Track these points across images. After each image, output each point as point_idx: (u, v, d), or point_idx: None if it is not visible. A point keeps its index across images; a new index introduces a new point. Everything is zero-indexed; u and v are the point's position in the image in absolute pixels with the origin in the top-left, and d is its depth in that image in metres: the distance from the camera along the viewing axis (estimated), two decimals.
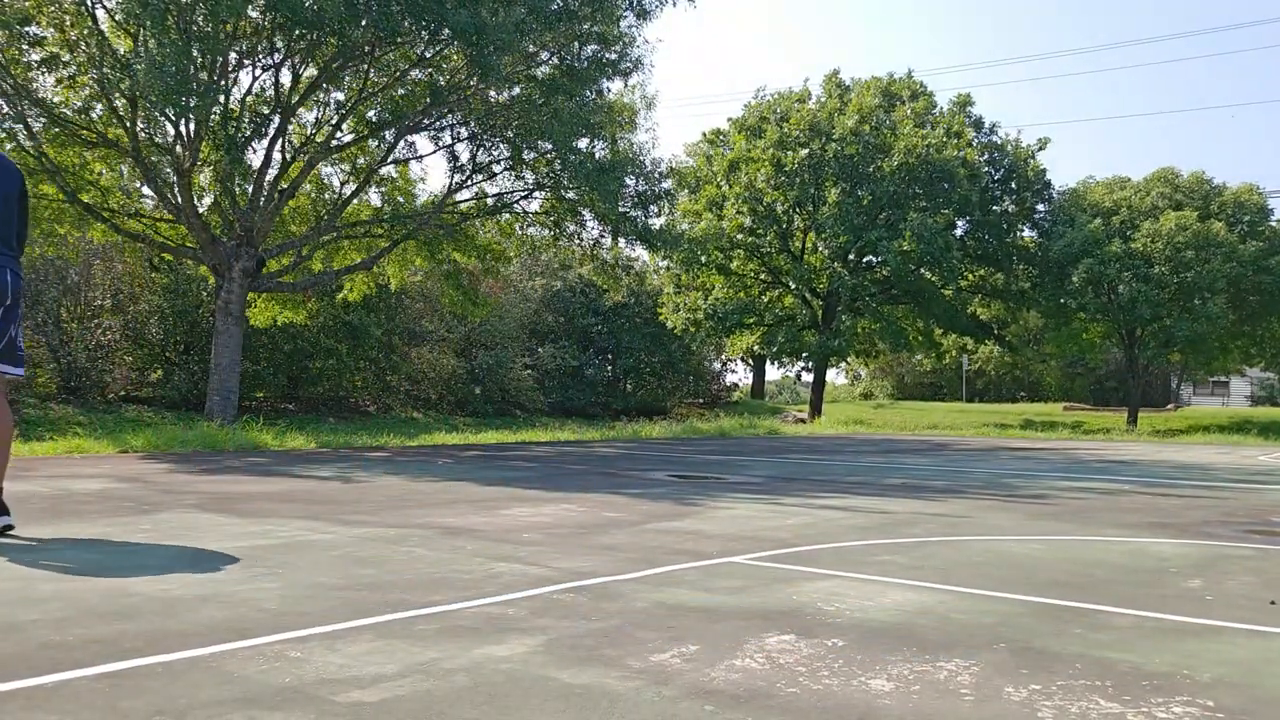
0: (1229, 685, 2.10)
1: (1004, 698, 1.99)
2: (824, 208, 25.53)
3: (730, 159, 26.97)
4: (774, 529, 4.59)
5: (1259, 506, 6.02)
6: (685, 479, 7.67)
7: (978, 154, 26.57)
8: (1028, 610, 2.85)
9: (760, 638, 2.47)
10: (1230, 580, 3.36)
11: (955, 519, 5.08)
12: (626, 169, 15.75)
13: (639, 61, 15.44)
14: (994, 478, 8.17)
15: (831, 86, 27.80)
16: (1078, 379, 47.22)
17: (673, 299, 27.65)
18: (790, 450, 12.60)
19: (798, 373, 31.97)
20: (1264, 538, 4.56)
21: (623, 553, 3.83)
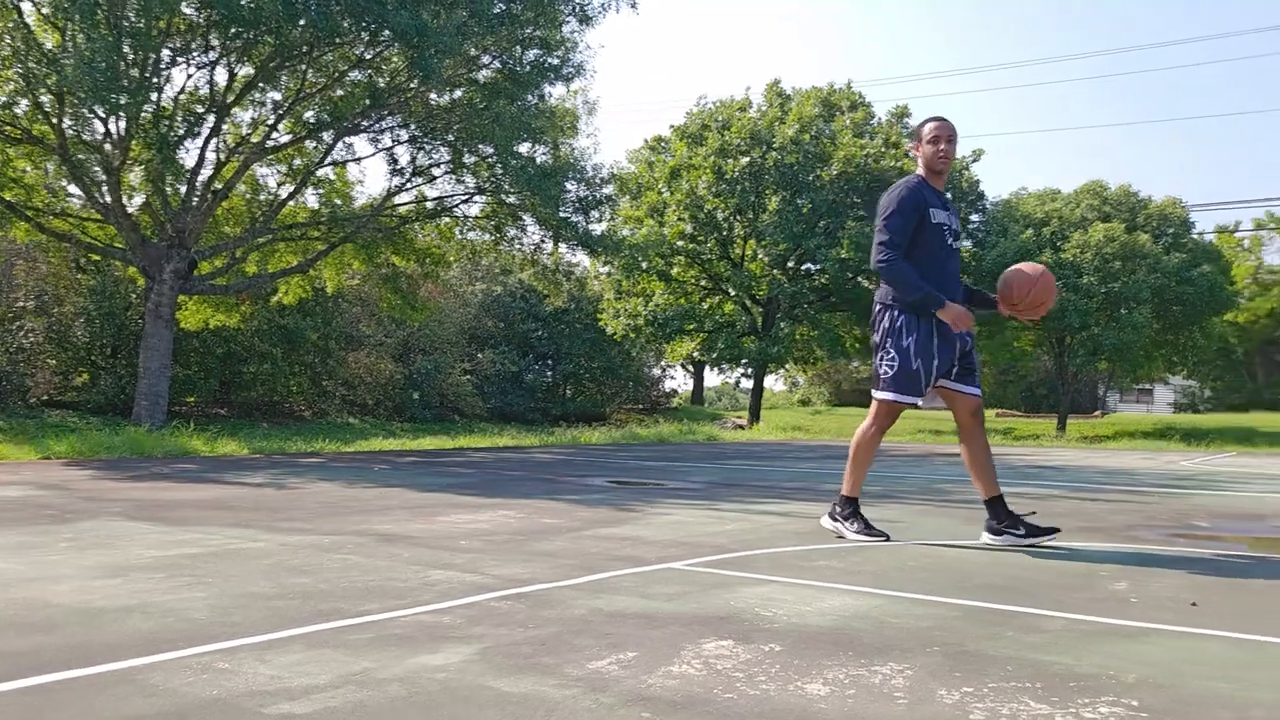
0: (1152, 685, 2.15)
1: (937, 700, 2.02)
2: (764, 215, 25.75)
3: (672, 166, 27.08)
4: (712, 535, 4.60)
5: (1181, 510, 6.20)
6: (624, 485, 7.66)
7: (915, 165, 26.99)
8: (961, 614, 2.89)
9: (698, 644, 2.47)
10: (1154, 583, 3.45)
11: (891, 524, 5.14)
12: (568, 174, 15.74)
13: (581, 67, 15.44)
14: (928, 483, 8.30)
15: (772, 96, 28.07)
16: (1010, 386, 48.22)
17: (613, 305, 27.66)
18: (729, 456, 12.66)
19: (737, 379, 32.23)
20: (1186, 541, 4.69)
21: (561, 559, 3.81)
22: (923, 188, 4.32)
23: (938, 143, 4.34)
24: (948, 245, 4.32)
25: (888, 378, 4.27)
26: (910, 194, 4.27)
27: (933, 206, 4.28)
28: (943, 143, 4.34)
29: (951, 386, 4.36)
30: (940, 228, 4.29)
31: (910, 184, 4.33)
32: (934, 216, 4.27)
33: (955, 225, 4.41)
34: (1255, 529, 5.33)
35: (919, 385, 4.24)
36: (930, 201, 4.29)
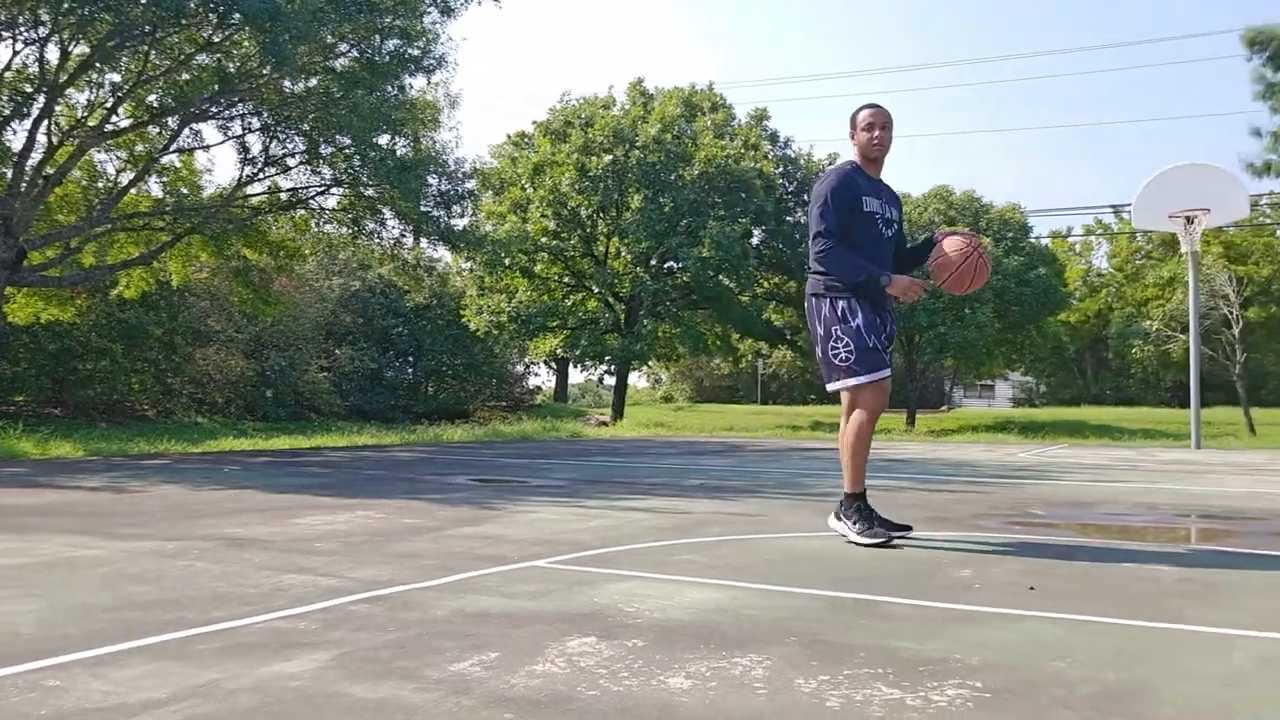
0: (995, 667, 2.25)
1: (795, 689, 2.07)
2: (627, 213, 25.90)
3: (535, 162, 26.94)
4: (576, 531, 4.60)
5: (1020, 499, 6.54)
6: (487, 483, 7.58)
7: (773, 166, 27.67)
8: (818, 604, 2.97)
9: (561, 641, 2.46)
10: (995, 569, 3.63)
11: (751, 518, 5.25)
12: (429, 167, 15.45)
13: (443, 59, 15.17)
14: (787, 477, 8.51)
15: (635, 94, 28.26)
16: None
17: (476, 301, 27.33)
18: (593, 453, 12.69)
19: (600, 376, 32.26)
20: (1024, 528, 4.95)
21: (421, 560, 3.73)
22: (855, 175, 4.27)
23: (871, 130, 4.28)
24: (881, 234, 4.28)
25: (850, 363, 4.16)
26: (841, 182, 4.22)
27: (865, 194, 4.24)
28: (877, 129, 4.28)
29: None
30: (872, 216, 4.25)
31: (842, 171, 4.29)
32: (866, 204, 4.23)
33: (890, 214, 4.35)
34: (1085, 516, 5.68)
35: (882, 359, 4.18)
36: (863, 189, 4.24)
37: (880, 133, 4.27)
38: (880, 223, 4.28)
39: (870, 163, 4.33)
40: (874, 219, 4.24)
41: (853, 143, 4.37)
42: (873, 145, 4.29)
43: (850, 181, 4.23)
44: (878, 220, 4.26)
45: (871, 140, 4.28)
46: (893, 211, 4.36)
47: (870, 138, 4.28)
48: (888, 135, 4.29)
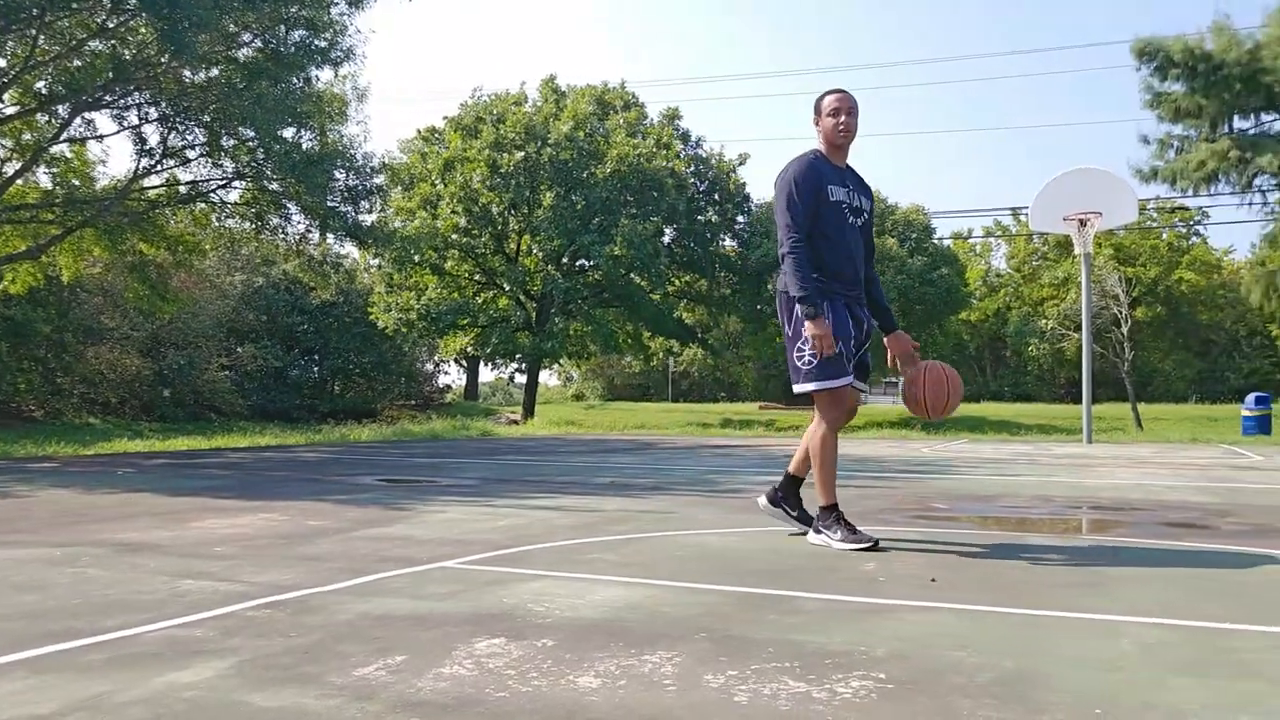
0: (898, 658, 2.30)
1: (704, 685, 2.08)
2: (539, 211, 25.79)
3: (445, 158, 26.64)
4: (486, 531, 4.56)
5: (922, 494, 6.71)
6: (395, 483, 7.46)
7: (685, 165, 27.85)
8: (727, 600, 3.00)
9: (470, 643, 2.44)
10: (898, 562, 3.71)
11: (661, 515, 5.28)
12: (336, 161, 15.15)
13: (351, 51, 14.89)
14: (697, 474, 8.57)
15: (548, 91, 28.16)
16: (772, 380, 50.65)
17: (384, 298, 26.89)
18: (503, 451, 12.60)
19: (511, 374, 32.06)
20: (926, 522, 5.08)
21: (327, 562, 3.65)
22: (820, 164, 4.10)
23: (838, 115, 4.10)
24: (848, 223, 4.10)
25: (811, 368, 3.99)
26: (805, 171, 4.04)
27: (830, 183, 4.06)
28: (843, 115, 4.09)
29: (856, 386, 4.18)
30: (839, 206, 4.07)
31: (805, 160, 4.10)
32: (832, 194, 4.05)
33: (858, 202, 4.16)
34: (985, 509, 5.85)
35: (844, 366, 4.01)
36: (828, 178, 4.07)
37: (846, 118, 4.10)
38: (848, 211, 4.11)
39: (836, 150, 4.16)
40: (840, 208, 4.07)
41: (817, 129, 4.20)
42: (839, 132, 4.11)
43: (814, 170, 4.05)
44: (844, 209, 4.10)
45: (837, 126, 4.10)
46: (861, 199, 4.20)
47: (836, 124, 4.10)
48: (854, 121, 4.13)
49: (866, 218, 4.22)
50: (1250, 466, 10.20)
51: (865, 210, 4.21)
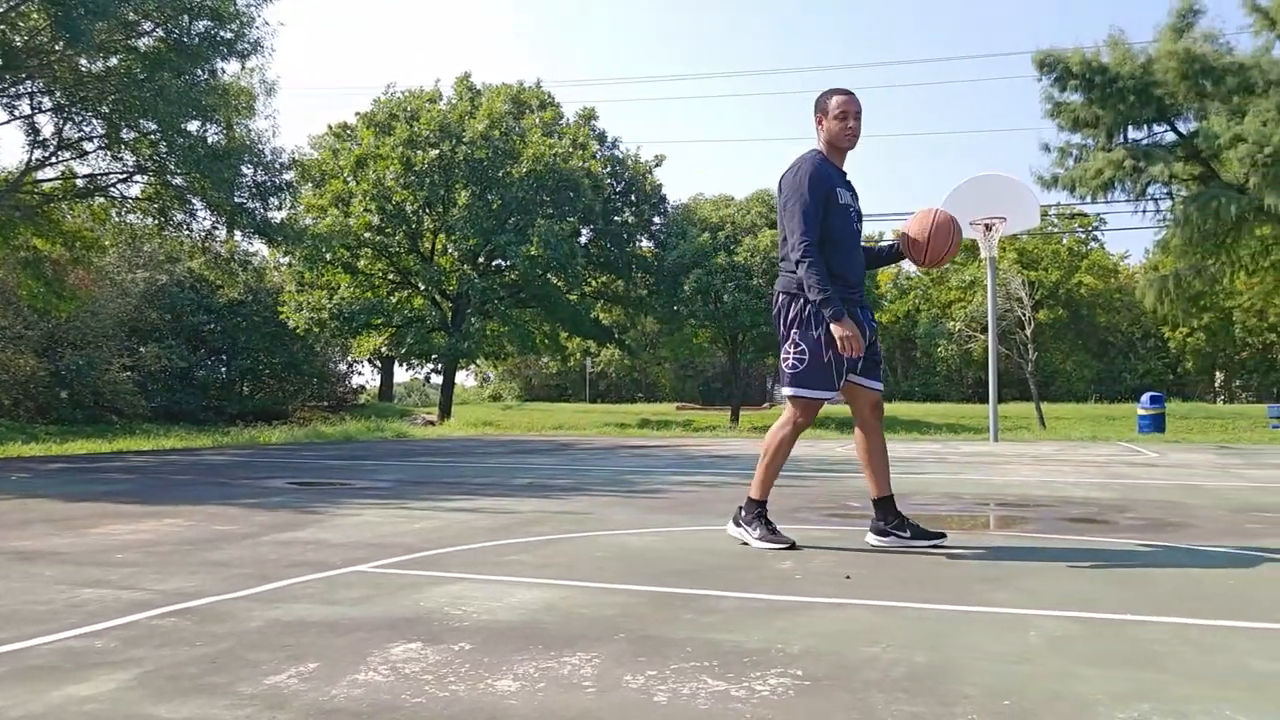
0: (814, 655, 2.33)
1: (623, 686, 2.07)
2: (454, 210, 25.53)
3: (358, 155, 26.18)
4: (401, 534, 4.48)
5: (837, 493, 6.82)
6: (307, 486, 7.29)
7: (601, 166, 27.85)
8: (646, 600, 3.00)
9: (385, 648, 2.39)
10: (814, 560, 3.76)
11: (579, 516, 5.26)
12: (243, 156, 14.76)
13: (258, 43, 14.51)
14: (615, 475, 8.57)
15: (463, 89, 27.87)
16: (689, 380, 51.02)
17: (295, 297, 26.29)
18: (419, 453, 12.43)
19: (427, 375, 31.68)
20: (841, 520, 5.17)
21: (235, 568, 3.55)
22: (827, 166, 3.96)
23: (845, 119, 3.96)
24: (854, 229, 4.01)
25: (797, 372, 3.90)
26: (816, 173, 3.90)
27: (838, 186, 3.95)
28: (851, 119, 3.96)
29: (854, 380, 4.03)
30: (846, 209, 3.97)
31: (815, 162, 3.94)
32: (840, 197, 3.94)
33: (857, 204, 4.05)
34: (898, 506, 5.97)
35: (831, 378, 3.91)
36: (836, 181, 3.96)
37: (854, 123, 3.97)
38: (854, 216, 4.02)
39: (838, 152, 4.03)
40: (847, 212, 3.97)
41: (819, 129, 4.04)
42: (845, 135, 3.98)
43: (824, 173, 3.93)
44: (851, 213, 4.00)
45: (845, 130, 3.97)
46: (858, 202, 4.10)
47: (844, 127, 3.97)
48: (859, 125, 4.00)
49: (861, 220, 4.14)
50: (1145, 463, 10.62)
51: (861, 213, 4.13)
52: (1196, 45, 21.07)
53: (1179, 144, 22.35)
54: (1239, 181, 19.94)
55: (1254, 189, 19.46)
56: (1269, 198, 19.12)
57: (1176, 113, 21.97)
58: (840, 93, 4.02)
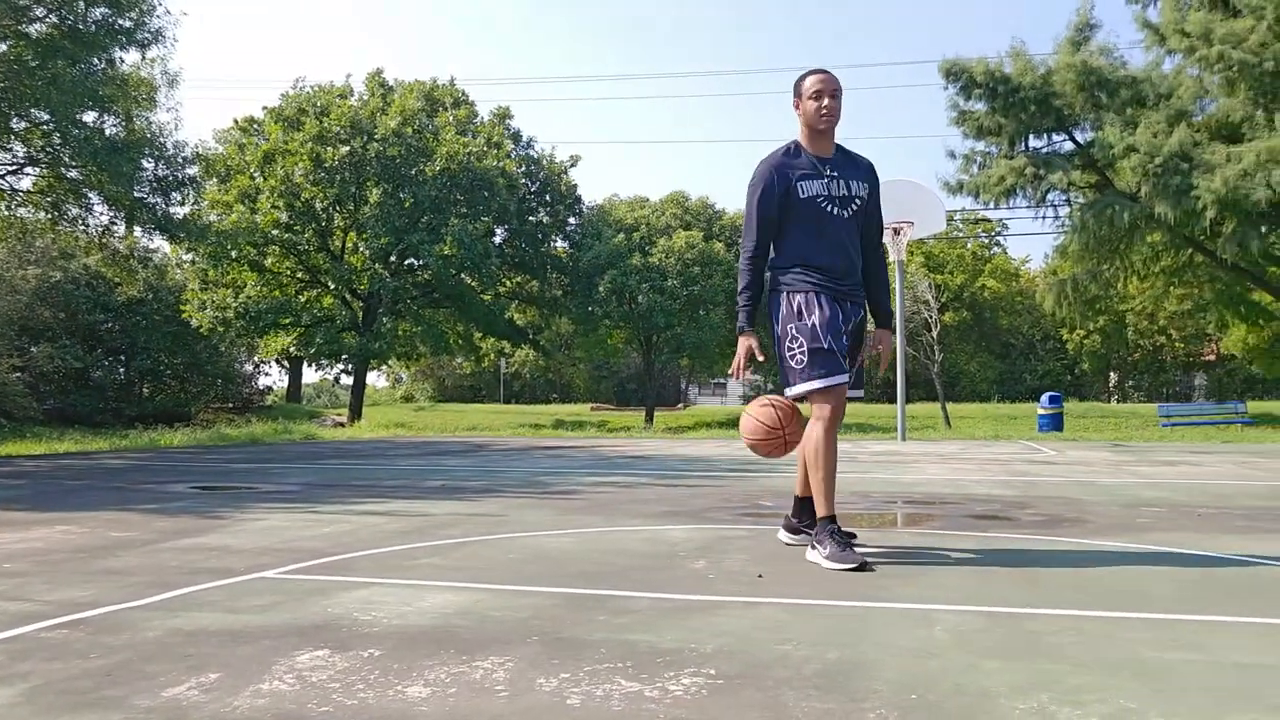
0: (727, 654, 2.35)
1: (536, 689, 2.06)
2: (365, 207, 25.10)
3: (265, 150, 25.54)
4: (310, 538, 4.38)
5: (750, 492, 6.89)
6: (211, 490, 7.08)
7: (516, 165, 27.69)
8: (559, 602, 2.98)
9: (291, 656, 2.33)
10: (728, 559, 3.79)
11: (493, 518, 5.21)
12: (144, 150, 14.27)
13: (160, 33, 14.05)
14: (529, 476, 8.52)
15: (374, 85, 27.43)
16: (603, 381, 51.05)
17: (199, 296, 25.53)
18: (328, 455, 12.18)
19: (337, 375, 31.03)
20: (754, 519, 5.22)
21: (132, 577, 3.42)
22: (787, 162, 3.80)
23: (820, 98, 3.76)
24: (830, 215, 3.77)
25: (803, 366, 3.71)
26: (767, 177, 3.77)
27: (803, 179, 3.76)
28: (825, 98, 3.76)
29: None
30: (813, 201, 3.75)
31: (771, 161, 3.81)
32: (803, 190, 3.75)
33: (843, 190, 3.78)
34: None
35: (839, 361, 3.70)
36: (800, 173, 3.76)
37: (829, 101, 3.76)
38: (827, 204, 3.77)
39: (818, 134, 3.82)
40: (815, 203, 3.75)
41: (797, 112, 3.87)
42: (820, 116, 3.77)
43: (778, 172, 3.77)
44: (821, 203, 3.77)
45: (820, 110, 3.77)
46: (850, 186, 3.80)
47: (818, 107, 3.77)
48: (837, 104, 3.79)
49: (860, 204, 3.84)
50: (1045, 461, 10.99)
51: (858, 196, 3.83)
52: (1093, 58, 21.90)
53: (1076, 153, 23.19)
54: (1132, 190, 20.77)
55: (1145, 197, 20.30)
56: (1159, 206, 19.98)
57: (1074, 123, 22.81)
58: (815, 72, 3.85)
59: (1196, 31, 21.00)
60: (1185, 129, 20.36)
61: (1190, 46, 21.31)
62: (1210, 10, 21.87)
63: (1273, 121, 19.83)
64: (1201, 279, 26.84)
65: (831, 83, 3.80)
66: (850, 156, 3.91)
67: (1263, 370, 34.49)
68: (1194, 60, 21.38)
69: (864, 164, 3.92)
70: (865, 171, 3.89)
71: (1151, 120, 20.84)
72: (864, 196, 3.84)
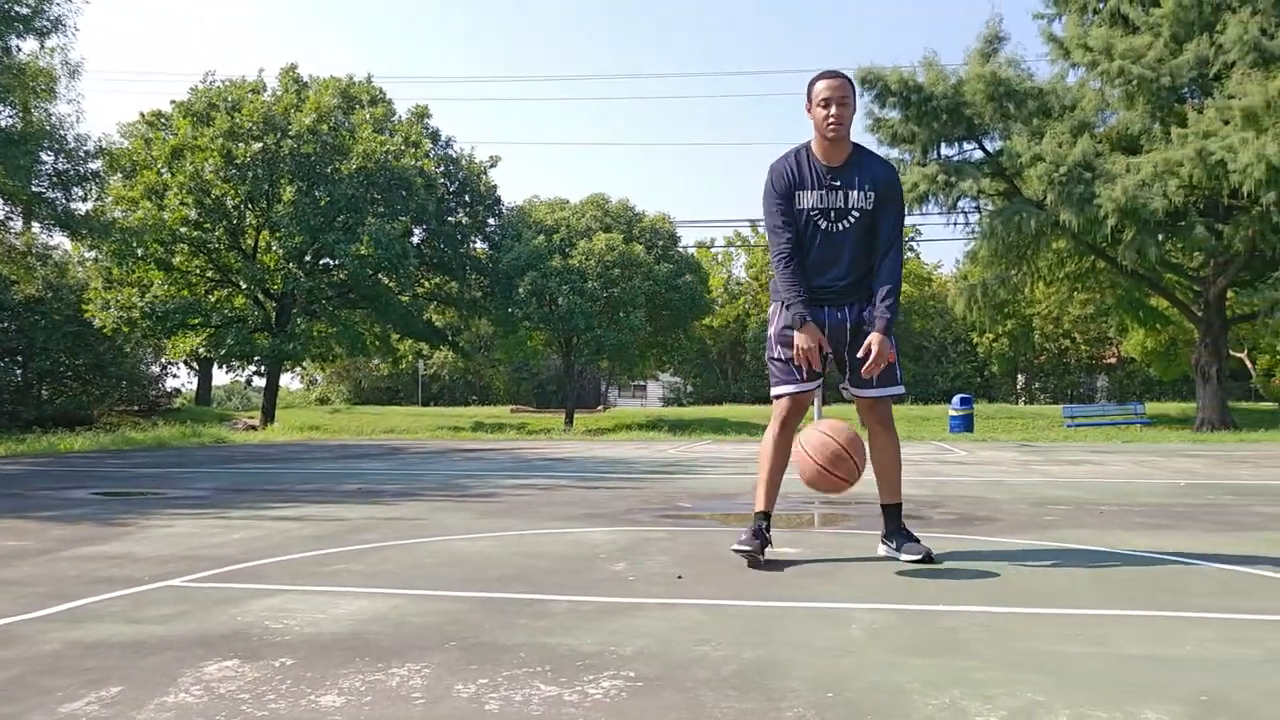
0: (647, 656, 2.35)
1: (454, 696, 2.03)
2: (279, 206, 24.54)
3: (174, 145, 24.78)
4: (219, 545, 4.26)
5: (669, 493, 6.92)
6: (114, 496, 6.84)
7: (435, 165, 27.38)
8: (478, 606, 2.95)
9: (198, 667, 2.26)
10: (648, 561, 3.80)
11: (410, 522, 5.14)
12: (42, 142, 13.75)
13: (59, 21, 13.55)
14: (447, 479, 8.43)
15: (288, 81, 26.85)
16: (523, 383, 50.75)
17: (102, 295, 24.63)
18: (240, 460, 11.87)
19: (249, 377, 30.28)
20: (673, 521, 5.24)
21: (28, 588, 3.28)
22: (793, 168, 3.68)
23: (828, 106, 3.61)
24: (821, 230, 3.67)
25: (770, 372, 3.82)
26: (772, 180, 3.71)
27: (801, 188, 3.66)
28: (833, 106, 3.60)
29: (845, 389, 3.87)
30: (807, 214, 3.67)
31: (777, 169, 3.71)
32: (799, 200, 3.66)
33: (840, 201, 3.64)
34: (727, 506, 6.11)
35: (791, 372, 3.70)
36: (800, 181, 3.66)
37: (838, 109, 3.60)
38: (819, 218, 3.66)
39: (826, 142, 3.67)
40: (808, 215, 3.67)
41: (809, 115, 3.73)
42: (828, 124, 3.62)
43: (780, 178, 3.69)
44: (813, 216, 3.67)
45: (827, 119, 3.62)
46: (849, 197, 3.65)
47: (825, 115, 3.62)
48: (847, 112, 3.63)
49: (859, 215, 3.67)
50: (956, 461, 11.27)
51: (857, 208, 3.66)
52: (1001, 70, 22.56)
53: (986, 161, 23.86)
54: (1038, 198, 21.45)
55: (1051, 205, 20.98)
56: (1064, 213, 20.67)
57: (984, 132, 23.47)
58: (826, 76, 3.69)
59: (1098, 46, 21.81)
60: (1088, 140, 21.12)
61: (1093, 60, 22.14)
62: (1111, 26, 22.73)
63: (1169, 134, 20.70)
64: (1103, 285, 27.86)
65: (841, 89, 3.64)
66: (863, 163, 3.72)
67: (1159, 373, 35.94)
68: (1096, 74, 22.21)
69: (877, 172, 3.72)
70: (875, 180, 3.68)
71: (1057, 130, 21.55)
72: (865, 207, 3.67)
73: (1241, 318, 24.99)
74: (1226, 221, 21.14)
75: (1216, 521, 5.13)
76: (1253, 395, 36.45)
